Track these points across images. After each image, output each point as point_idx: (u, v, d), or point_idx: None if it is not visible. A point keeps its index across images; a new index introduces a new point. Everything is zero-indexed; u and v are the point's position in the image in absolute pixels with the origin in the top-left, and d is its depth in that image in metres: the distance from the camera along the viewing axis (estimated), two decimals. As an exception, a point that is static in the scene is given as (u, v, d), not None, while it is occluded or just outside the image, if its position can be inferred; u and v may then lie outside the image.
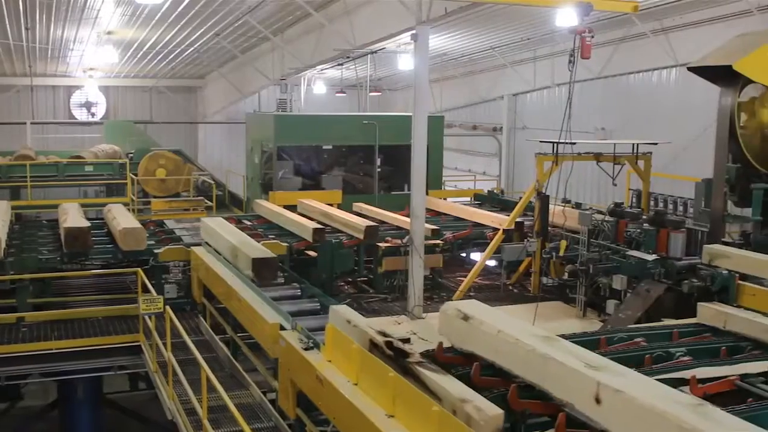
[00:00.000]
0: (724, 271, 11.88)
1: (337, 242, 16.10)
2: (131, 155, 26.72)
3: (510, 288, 16.96)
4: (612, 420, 5.49)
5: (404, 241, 15.51)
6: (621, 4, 14.60)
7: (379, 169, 23.76)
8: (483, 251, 16.74)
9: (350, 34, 21.43)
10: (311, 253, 16.06)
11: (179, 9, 21.38)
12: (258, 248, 12.75)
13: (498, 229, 16.69)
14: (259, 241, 14.95)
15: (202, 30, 24.91)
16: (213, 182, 26.33)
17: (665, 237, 13.17)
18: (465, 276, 16.51)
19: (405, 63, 28.13)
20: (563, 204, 15.87)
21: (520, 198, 18.20)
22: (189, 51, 29.22)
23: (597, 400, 5.61)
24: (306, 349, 7.78)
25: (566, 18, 13.09)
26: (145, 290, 12.37)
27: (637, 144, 17.28)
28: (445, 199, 22.39)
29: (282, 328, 8.80)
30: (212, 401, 9.01)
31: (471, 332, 7.22)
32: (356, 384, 6.80)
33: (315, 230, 15.82)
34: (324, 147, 24.56)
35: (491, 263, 17.54)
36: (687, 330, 9.06)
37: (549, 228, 15.97)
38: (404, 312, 14.84)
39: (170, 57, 30.71)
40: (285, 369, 8.26)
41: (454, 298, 15.11)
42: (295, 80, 33.51)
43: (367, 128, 22.90)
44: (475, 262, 16.90)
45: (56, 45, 27.68)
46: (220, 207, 25.43)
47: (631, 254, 13.54)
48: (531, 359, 6.40)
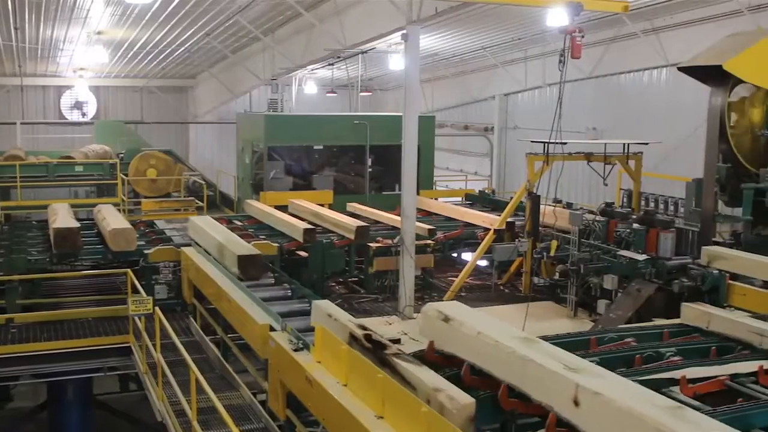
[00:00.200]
0: (715, 271, 11.91)
1: (328, 242, 16.07)
2: (122, 155, 26.63)
3: (501, 288, 16.95)
4: (590, 422, 5.46)
5: (395, 241, 15.49)
6: (611, 4, 14.60)
7: (370, 169, 23.74)
8: (474, 251, 16.73)
9: (341, 34, 21.40)
10: (302, 254, 16.03)
11: (169, 9, 21.31)
12: (244, 246, 12.82)
13: (489, 229, 16.69)
14: (250, 242, 14.93)
15: (193, 30, 24.84)
16: (204, 182, 26.27)
17: (655, 237, 13.18)
18: (456, 276, 16.51)
19: (396, 63, 28.10)
20: (554, 204, 15.88)
21: (511, 198, 18.20)
22: (180, 51, 29.14)
23: (575, 403, 5.58)
24: (295, 350, 7.76)
25: (557, 18, 13.07)
26: (135, 291, 12.33)
27: (628, 144, 17.29)
28: (437, 199, 22.38)
29: (272, 329, 8.77)
30: (202, 402, 8.96)
31: (451, 334, 7.17)
32: (345, 385, 6.78)
33: (306, 230, 15.79)
34: (315, 147, 24.50)
35: (482, 263, 17.52)
36: (672, 331, 9.05)
37: (540, 228, 15.97)
38: (395, 312, 14.81)
39: (161, 57, 30.61)
40: (275, 370, 8.23)
41: (446, 299, 15.12)
42: (287, 80, 33.47)
43: (358, 128, 22.88)
44: (467, 262, 16.88)
45: (46, 45, 27.57)
46: (211, 207, 25.36)
47: (622, 254, 13.54)
48: (511, 361, 6.35)
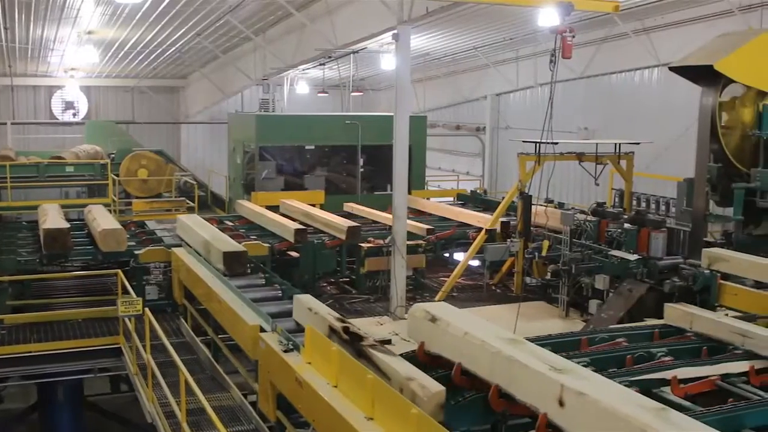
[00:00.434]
0: (706, 271, 11.91)
1: (320, 243, 16.05)
2: (113, 156, 26.50)
3: (493, 288, 16.96)
4: (575, 423, 5.45)
5: (386, 242, 15.47)
6: (602, 4, 14.60)
7: (362, 170, 23.70)
8: (466, 251, 16.72)
9: (332, 34, 21.36)
10: (293, 254, 16.00)
11: (160, 8, 21.24)
12: (229, 242, 13.07)
13: (481, 229, 16.68)
14: (241, 242, 14.89)
15: (183, 30, 24.76)
16: (195, 183, 26.17)
17: (646, 237, 13.18)
18: (448, 276, 16.49)
19: (387, 63, 28.07)
20: (545, 204, 15.88)
21: (503, 198, 18.19)
22: (170, 51, 29.05)
23: (560, 403, 5.57)
24: (285, 351, 7.72)
25: (548, 18, 13.07)
26: (126, 292, 12.27)
27: (619, 144, 17.30)
28: (428, 199, 22.37)
29: (262, 330, 8.73)
30: (192, 404, 8.92)
31: (439, 334, 7.13)
32: (335, 386, 6.75)
33: (297, 231, 15.76)
34: (306, 147, 24.43)
35: (474, 263, 17.51)
36: (638, 332, 9.05)
37: (531, 228, 15.96)
38: (387, 313, 14.81)
39: (152, 57, 30.52)
40: (265, 371, 8.20)
41: (437, 299, 15.11)
42: (278, 80, 33.42)
43: (350, 128, 22.85)
44: (458, 263, 16.86)
45: (36, 45, 27.46)
46: (203, 207, 25.26)
47: (614, 254, 13.54)
48: (496, 362, 6.33)
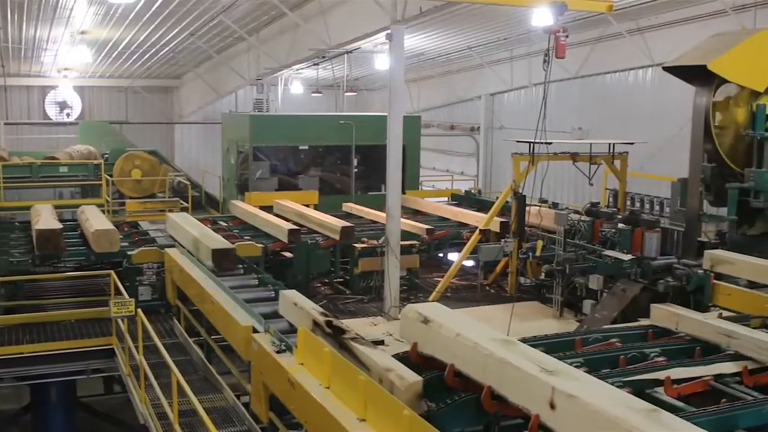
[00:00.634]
0: (700, 271, 11.90)
1: (313, 243, 16.03)
2: (106, 156, 26.44)
3: (487, 288, 16.94)
4: (566, 425, 5.45)
5: (380, 242, 15.44)
6: (596, 4, 14.59)
7: (356, 170, 23.68)
8: (460, 251, 16.69)
9: (325, 34, 21.33)
10: (287, 255, 15.97)
11: (153, 8, 21.19)
12: (218, 240, 13.26)
13: (477, 229, 16.65)
14: (234, 243, 14.86)
15: (177, 30, 24.70)
16: (189, 183, 26.13)
17: (640, 237, 13.16)
18: (442, 276, 16.47)
19: (382, 63, 28.05)
20: (539, 204, 15.87)
21: (497, 198, 18.16)
22: (164, 51, 29.00)
23: (552, 405, 5.57)
24: (278, 352, 7.69)
25: (542, 18, 13.05)
26: (118, 293, 12.23)
27: (613, 144, 17.29)
28: (423, 199, 22.33)
29: (255, 331, 8.70)
30: (185, 405, 8.89)
31: (431, 336, 7.12)
32: (328, 387, 6.73)
33: (290, 231, 15.73)
34: (300, 147, 24.38)
35: (468, 263, 17.49)
36: (638, 332, 9.06)
37: (525, 228, 15.94)
38: (381, 313, 14.79)
39: (145, 57, 30.47)
40: (257, 372, 8.17)
41: (431, 299, 15.09)
42: (272, 80, 33.40)
43: (344, 128, 22.82)
44: (453, 263, 16.84)
45: (29, 45, 27.41)
46: (197, 208, 25.23)
47: (607, 254, 13.52)
48: (488, 363, 6.33)
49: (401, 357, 7.29)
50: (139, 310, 10.81)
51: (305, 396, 6.78)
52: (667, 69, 14.23)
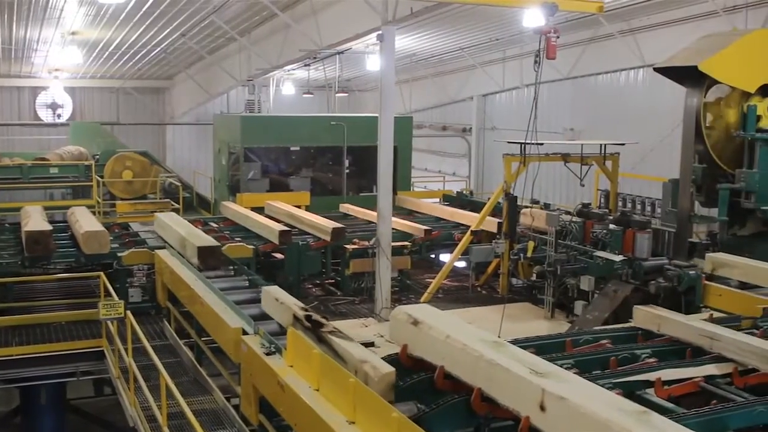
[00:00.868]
0: (691, 272, 11.89)
1: (304, 244, 15.98)
2: (97, 157, 26.37)
3: (478, 289, 16.90)
4: (556, 427, 5.44)
5: (371, 243, 15.41)
6: (586, 5, 14.59)
7: (348, 171, 23.64)
8: (452, 252, 16.66)
9: (316, 35, 21.30)
10: (278, 256, 15.93)
11: (144, 9, 21.12)
12: (204, 238, 13.49)
13: (469, 230, 16.61)
14: (225, 244, 14.83)
15: (168, 30, 24.64)
16: (180, 184, 26.06)
17: (631, 237, 13.15)
18: (434, 277, 16.42)
19: (373, 64, 27.99)
20: (531, 205, 15.85)
21: (489, 199, 18.13)
22: (155, 52, 28.93)
23: (542, 408, 5.55)
24: (268, 354, 7.65)
25: (533, 18, 13.06)
26: (108, 294, 12.17)
27: (605, 144, 17.28)
28: (420, 200, 22.29)
29: (244, 333, 8.65)
30: (175, 407, 8.83)
31: (421, 337, 7.09)
32: (317, 390, 6.69)
33: (281, 232, 15.68)
34: (292, 148, 24.34)
35: (460, 264, 17.46)
36: (622, 334, 9.03)
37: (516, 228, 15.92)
38: (372, 314, 14.75)
39: (136, 58, 30.40)
40: (247, 374, 8.12)
41: (422, 300, 15.05)
42: (264, 81, 33.34)
43: (335, 129, 22.80)
44: (444, 264, 16.81)
45: (20, 45, 27.31)
46: (188, 209, 25.17)
47: (599, 255, 13.50)
48: (478, 365, 6.30)
49: (391, 359, 7.26)
50: (128, 312, 10.76)
51: (294, 398, 6.74)
52: (658, 70, 14.25)
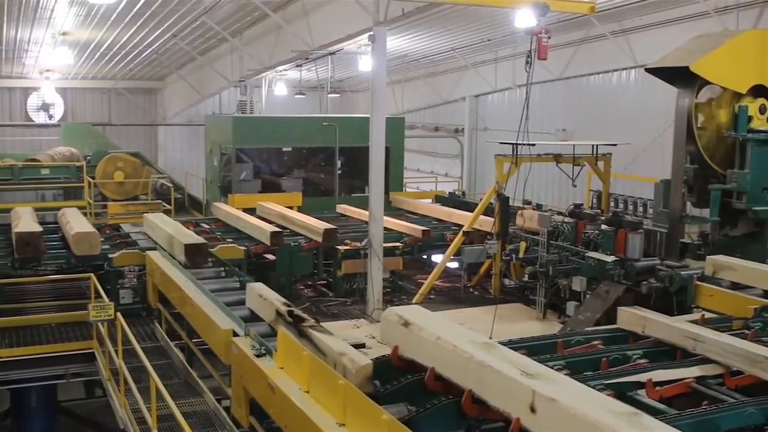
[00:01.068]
0: (683, 272, 11.89)
1: (296, 245, 15.94)
2: (89, 158, 26.28)
3: (471, 290, 16.90)
4: (547, 429, 5.42)
5: (363, 244, 15.38)
6: (578, 5, 14.61)
7: (340, 171, 23.61)
8: (444, 253, 16.63)
9: (308, 36, 21.26)
10: (270, 257, 15.89)
11: (135, 9, 21.04)
12: (191, 236, 13.72)
13: (461, 231, 16.59)
14: (216, 245, 14.80)
15: (159, 31, 24.56)
16: (172, 185, 25.98)
17: (623, 238, 13.15)
18: (426, 278, 16.40)
19: (366, 64, 27.96)
20: (525, 206, 15.85)
21: (481, 199, 18.12)
22: (147, 52, 28.84)
23: (532, 409, 5.53)
24: (258, 356, 7.62)
25: (525, 19, 13.05)
26: (99, 296, 12.12)
27: (597, 145, 17.28)
28: (417, 200, 22.26)
29: (235, 335, 8.61)
30: (165, 409, 8.79)
31: (412, 339, 7.07)
32: (307, 392, 6.67)
33: (273, 233, 15.63)
34: (284, 149, 24.33)
35: (453, 265, 17.44)
36: (614, 335, 9.02)
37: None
38: (364, 315, 14.73)
39: (128, 58, 30.28)
40: (237, 376, 8.10)
41: (414, 301, 15.04)
42: (256, 82, 33.29)
43: (327, 130, 22.76)
44: (436, 264, 16.78)
45: (10, 46, 27.18)
46: (180, 210, 25.09)
47: (591, 255, 13.50)
48: (468, 367, 6.28)
49: (382, 360, 7.24)
50: (119, 314, 10.71)
51: (285, 400, 6.72)
52: (650, 70, 14.25)
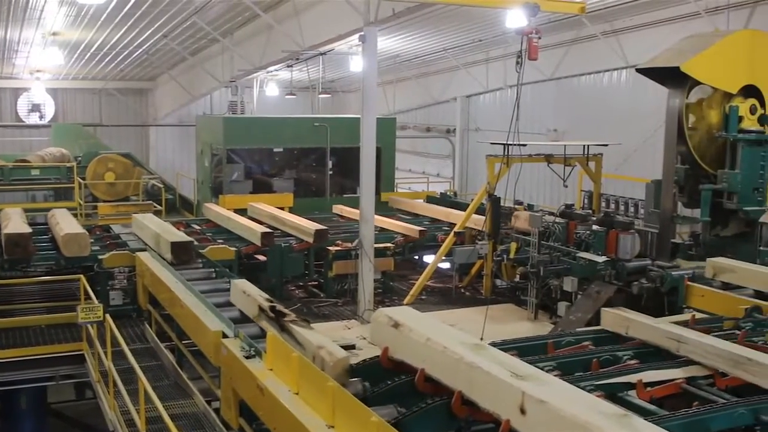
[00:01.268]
0: (674, 273, 11.89)
1: (287, 246, 15.90)
2: (79, 159, 26.19)
3: (462, 291, 16.88)
4: (537, 430, 5.40)
5: (354, 245, 15.34)
6: (568, 5, 14.60)
7: (331, 172, 23.58)
8: (435, 254, 16.61)
9: (299, 36, 21.22)
10: (260, 258, 15.84)
11: (125, 9, 20.95)
12: (177, 234, 14.01)
13: (452, 231, 16.57)
14: (207, 246, 14.76)
15: (150, 31, 24.48)
16: (163, 186, 25.90)
17: (614, 238, 13.14)
18: (417, 279, 16.37)
19: (357, 64, 27.91)
20: (514, 206, 15.83)
21: (473, 200, 18.10)
22: (137, 53, 28.75)
23: (522, 411, 5.51)
24: (247, 358, 7.59)
25: (516, 19, 13.04)
26: (88, 297, 12.06)
27: (588, 145, 17.28)
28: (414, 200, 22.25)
29: (225, 336, 8.57)
30: (155, 411, 8.73)
31: (401, 340, 7.05)
32: (297, 393, 6.63)
33: (263, 234, 15.59)
34: (275, 150, 24.28)
35: (444, 266, 17.42)
36: (604, 336, 9.00)
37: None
38: (355, 316, 14.70)
39: (119, 59, 30.18)
40: (227, 377, 8.06)
41: (406, 302, 15.02)
42: (247, 82, 33.21)
43: (319, 130, 22.74)
44: (428, 265, 16.76)
45: (0, 46, 27.07)
46: (171, 211, 25.00)
47: (582, 256, 13.49)
48: (458, 368, 6.26)
49: (372, 361, 7.21)
50: (108, 316, 10.65)
51: (274, 402, 6.68)
52: (641, 71, 14.27)
